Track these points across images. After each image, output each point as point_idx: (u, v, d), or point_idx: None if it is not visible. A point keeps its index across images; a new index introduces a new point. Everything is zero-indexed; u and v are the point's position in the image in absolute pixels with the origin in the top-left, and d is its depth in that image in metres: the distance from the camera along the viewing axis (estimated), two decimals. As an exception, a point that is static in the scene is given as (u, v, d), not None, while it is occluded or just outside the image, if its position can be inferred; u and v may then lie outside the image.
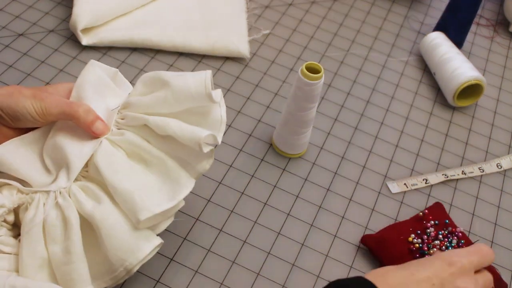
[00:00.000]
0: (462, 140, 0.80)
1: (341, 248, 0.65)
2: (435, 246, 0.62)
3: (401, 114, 0.81)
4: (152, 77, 0.54)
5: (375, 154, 0.75)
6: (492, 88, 0.89)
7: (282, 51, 0.86)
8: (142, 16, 0.83)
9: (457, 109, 0.84)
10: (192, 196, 0.66)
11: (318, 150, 0.74)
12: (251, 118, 0.76)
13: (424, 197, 0.72)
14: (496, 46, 0.96)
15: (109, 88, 0.55)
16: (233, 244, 0.63)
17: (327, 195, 0.69)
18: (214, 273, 0.60)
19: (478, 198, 0.73)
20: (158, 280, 0.59)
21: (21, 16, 0.81)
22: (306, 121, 0.67)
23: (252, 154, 0.72)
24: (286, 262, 0.63)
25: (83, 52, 0.79)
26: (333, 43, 0.89)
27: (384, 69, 0.87)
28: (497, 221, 0.71)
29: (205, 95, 0.51)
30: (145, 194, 0.49)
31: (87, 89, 0.53)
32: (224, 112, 0.53)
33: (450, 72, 0.82)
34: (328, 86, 0.83)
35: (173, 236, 0.62)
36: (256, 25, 0.89)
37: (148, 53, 0.81)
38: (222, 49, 0.81)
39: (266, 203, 0.67)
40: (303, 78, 0.63)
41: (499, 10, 1.04)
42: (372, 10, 0.97)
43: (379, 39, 0.92)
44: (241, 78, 0.81)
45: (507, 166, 0.77)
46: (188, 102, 0.51)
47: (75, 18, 0.76)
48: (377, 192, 0.71)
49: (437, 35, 0.88)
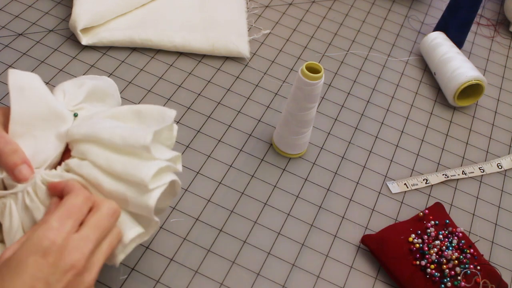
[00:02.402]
0: (463, 140, 0.80)
1: (341, 248, 0.65)
2: (435, 246, 0.62)
3: (402, 114, 0.81)
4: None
5: (375, 154, 0.75)
6: (492, 88, 0.89)
7: (282, 51, 0.86)
8: (142, 16, 0.83)
9: (458, 109, 0.84)
10: (192, 196, 0.66)
11: (318, 150, 0.74)
12: (251, 118, 0.76)
13: (424, 197, 0.72)
14: (497, 46, 0.96)
15: (49, 120, 0.50)
16: (233, 244, 0.63)
17: (327, 195, 0.69)
18: (214, 273, 0.60)
19: (478, 198, 0.73)
20: (158, 280, 0.59)
21: (20, 16, 0.81)
22: (306, 121, 0.67)
23: (252, 154, 0.72)
24: (286, 262, 0.62)
25: (83, 52, 0.79)
26: (333, 43, 0.89)
27: (384, 69, 0.87)
28: (497, 221, 0.71)
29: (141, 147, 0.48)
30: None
31: (20, 121, 0.49)
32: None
33: (450, 72, 0.82)
34: (328, 86, 0.82)
35: (173, 236, 0.62)
36: (256, 25, 0.89)
37: (148, 53, 0.81)
38: (222, 49, 0.81)
39: (266, 203, 0.67)
40: (303, 78, 0.63)
41: (499, 9, 1.04)
42: (372, 9, 0.97)
43: (380, 39, 0.92)
44: (241, 78, 0.80)
45: (507, 166, 0.77)
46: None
47: (75, 17, 0.76)
48: (377, 192, 0.71)
49: (438, 35, 0.88)
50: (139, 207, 0.48)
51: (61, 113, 0.50)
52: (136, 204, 0.48)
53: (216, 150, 0.71)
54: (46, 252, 0.39)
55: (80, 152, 0.49)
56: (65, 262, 0.40)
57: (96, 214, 0.43)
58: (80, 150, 0.49)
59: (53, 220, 0.41)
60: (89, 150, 0.49)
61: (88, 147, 0.49)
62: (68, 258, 0.40)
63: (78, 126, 0.50)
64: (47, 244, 0.39)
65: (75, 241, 0.41)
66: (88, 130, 0.49)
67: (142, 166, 0.48)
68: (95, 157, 0.48)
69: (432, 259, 0.61)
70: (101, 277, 0.57)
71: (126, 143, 0.48)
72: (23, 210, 0.47)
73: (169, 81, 0.78)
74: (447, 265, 0.61)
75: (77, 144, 0.49)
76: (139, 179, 0.47)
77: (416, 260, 0.61)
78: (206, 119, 0.74)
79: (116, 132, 0.49)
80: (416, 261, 0.61)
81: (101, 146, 0.49)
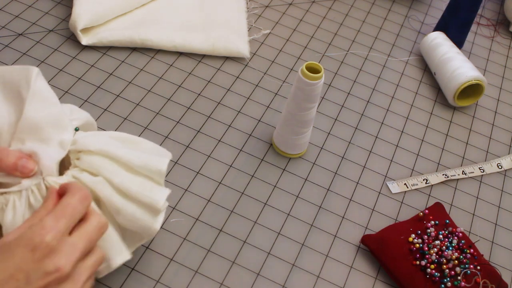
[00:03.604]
0: (463, 140, 0.80)
1: (341, 248, 0.65)
2: (435, 246, 0.62)
3: (402, 114, 0.81)
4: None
5: (375, 154, 0.75)
6: (492, 88, 0.89)
7: (282, 51, 0.86)
8: (142, 16, 0.83)
9: (458, 109, 0.84)
10: (192, 196, 0.66)
11: (318, 150, 0.74)
12: (251, 118, 0.76)
13: (424, 197, 0.72)
14: (497, 46, 0.96)
15: (56, 127, 0.50)
16: (233, 244, 0.63)
17: (327, 195, 0.69)
18: (214, 273, 0.60)
19: (478, 198, 0.73)
20: (158, 280, 0.59)
21: (20, 16, 0.81)
22: (306, 121, 0.67)
23: (252, 154, 0.72)
24: (286, 262, 0.62)
25: (83, 52, 0.79)
26: (333, 42, 0.89)
27: (384, 69, 0.87)
28: (497, 221, 0.71)
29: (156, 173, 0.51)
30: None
31: (31, 123, 0.49)
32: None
33: (450, 72, 0.82)
34: (328, 86, 0.82)
35: (173, 236, 0.62)
36: (256, 25, 0.89)
37: (148, 53, 0.81)
38: (222, 49, 0.81)
39: (266, 203, 0.67)
40: (303, 78, 0.63)
41: (499, 9, 1.04)
42: (372, 9, 0.97)
43: (380, 39, 0.92)
44: (241, 78, 0.80)
45: (507, 166, 0.77)
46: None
47: (75, 17, 0.76)
48: (377, 192, 0.71)
49: (438, 35, 0.88)
50: (143, 228, 0.50)
51: (66, 123, 0.51)
52: (141, 224, 0.50)
53: (216, 150, 0.71)
54: (35, 248, 0.40)
55: (91, 166, 0.50)
56: (51, 263, 0.40)
57: (86, 224, 0.44)
58: (92, 163, 0.50)
59: (48, 219, 0.42)
60: (104, 165, 0.50)
61: (102, 162, 0.50)
62: (55, 260, 0.40)
63: (86, 138, 0.51)
64: (38, 241, 0.40)
65: (65, 245, 0.41)
66: (102, 145, 0.50)
67: (156, 190, 0.51)
68: (109, 174, 0.50)
69: (432, 259, 0.61)
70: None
71: (144, 165, 0.51)
72: (26, 207, 0.47)
73: (169, 81, 0.78)
74: (447, 265, 0.61)
75: (86, 155, 0.50)
76: (154, 201, 0.50)
77: (416, 260, 0.61)
78: (206, 119, 0.74)
79: (134, 153, 0.51)
80: (416, 261, 0.61)
81: (116, 163, 0.51)
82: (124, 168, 0.51)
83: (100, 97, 0.74)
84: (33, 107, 0.49)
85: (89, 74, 0.76)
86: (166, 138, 0.71)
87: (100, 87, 0.75)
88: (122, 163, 0.51)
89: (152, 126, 0.72)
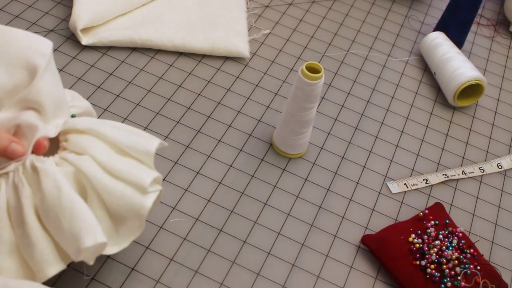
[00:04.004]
0: (463, 140, 0.80)
1: (341, 248, 0.65)
2: (435, 246, 0.62)
3: (402, 114, 0.81)
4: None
5: (375, 154, 0.75)
6: (492, 88, 0.89)
7: (282, 51, 0.86)
8: (142, 16, 0.83)
9: (458, 109, 0.84)
10: (192, 196, 0.66)
11: (318, 150, 0.74)
12: (251, 118, 0.76)
13: (424, 197, 0.72)
14: (497, 46, 0.96)
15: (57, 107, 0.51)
16: (233, 244, 0.63)
17: (327, 195, 0.69)
18: (214, 273, 0.60)
19: (478, 198, 0.73)
20: (158, 280, 0.59)
21: (20, 16, 0.81)
22: (306, 121, 0.67)
23: (252, 154, 0.72)
24: (286, 262, 0.63)
25: (83, 52, 0.79)
26: (333, 42, 0.89)
27: (384, 69, 0.87)
28: (497, 221, 0.71)
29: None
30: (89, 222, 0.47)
31: (49, 97, 0.49)
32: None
33: (450, 72, 0.82)
34: (328, 86, 0.82)
35: (173, 236, 0.62)
36: (256, 25, 0.89)
37: (148, 53, 0.81)
38: (222, 49, 0.81)
39: (266, 203, 0.67)
40: (303, 78, 0.63)
41: (499, 9, 1.04)
42: (372, 9, 0.97)
43: (380, 39, 0.92)
44: (241, 78, 0.80)
45: (507, 166, 0.77)
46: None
47: (75, 17, 0.76)
48: (377, 192, 0.71)
49: (438, 35, 0.88)
50: (132, 208, 0.49)
51: (66, 107, 0.51)
52: (131, 203, 0.48)
53: (216, 150, 0.71)
54: None
55: (78, 146, 0.49)
56: None
57: None
58: (79, 143, 0.49)
59: None
60: (91, 145, 0.49)
61: (90, 142, 0.49)
62: None
63: (79, 119, 0.51)
64: None
65: None
66: (93, 125, 0.50)
67: (144, 169, 0.50)
68: (96, 152, 0.49)
69: (432, 259, 0.61)
70: (100, 277, 0.57)
71: (132, 145, 0.50)
72: (11, 188, 0.47)
73: (169, 81, 0.78)
74: (447, 265, 0.61)
75: (76, 135, 0.50)
76: (140, 180, 0.48)
77: (416, 260, 0.61)
78: (206, 119, 0.74)
79: (123, 134, 0.50)
80: (416, 261, 0.61)
81: (104, 142, 0.50)
82: (112, 148, 0.50)
83: (100, 97, 0.74)
84: (45, 80, 0.48)
85: (89, 74, 0.76)
86: (166, 138, 0.71)
87: (100, 87, 0.75)
88: (111, 143, 0.50)
89: (152, 126, 0.72)
